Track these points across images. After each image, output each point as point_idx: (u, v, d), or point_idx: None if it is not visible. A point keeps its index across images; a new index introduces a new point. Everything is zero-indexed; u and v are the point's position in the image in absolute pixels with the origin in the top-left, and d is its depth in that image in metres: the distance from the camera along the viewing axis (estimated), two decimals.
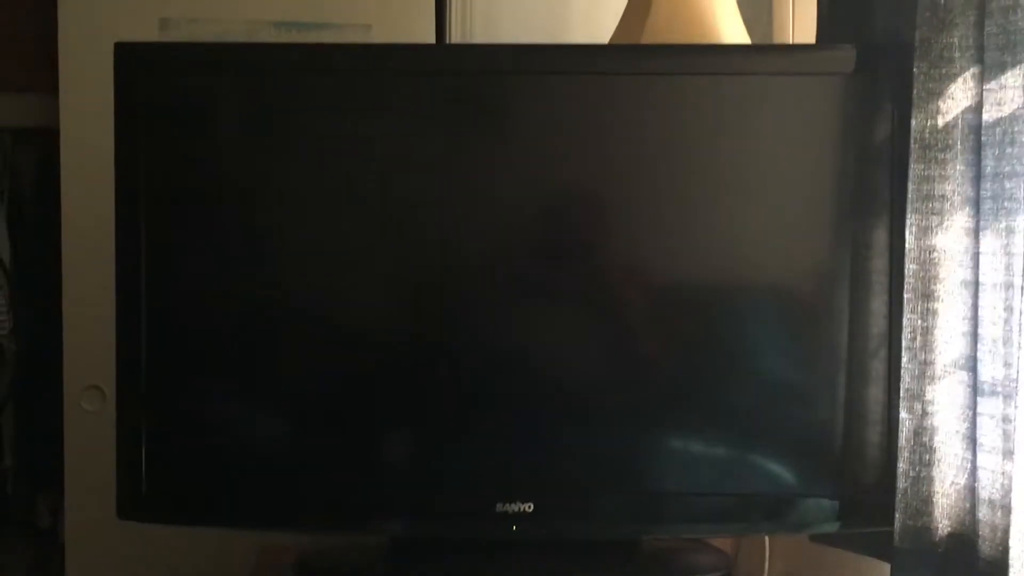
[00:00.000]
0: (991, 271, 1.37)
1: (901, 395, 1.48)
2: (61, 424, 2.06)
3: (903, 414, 1.48)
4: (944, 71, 1.43)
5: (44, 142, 2.19)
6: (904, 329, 1.47)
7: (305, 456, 1.62)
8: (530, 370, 1.61)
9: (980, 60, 1.39)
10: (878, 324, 1.57)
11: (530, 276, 1.63)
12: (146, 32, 2.02)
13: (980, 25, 1.38)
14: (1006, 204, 1.35)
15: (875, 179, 1.57)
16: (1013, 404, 1.32)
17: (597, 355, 1.63)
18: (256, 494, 1.61)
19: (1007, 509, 1.32)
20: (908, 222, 1.47)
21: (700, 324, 1.63)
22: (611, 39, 1.87)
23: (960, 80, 1.42)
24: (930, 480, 1.45)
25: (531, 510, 1.58)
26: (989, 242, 1.38)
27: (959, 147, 1.43)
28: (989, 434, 1.37)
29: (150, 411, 1.59)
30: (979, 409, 1.39)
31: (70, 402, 2.05)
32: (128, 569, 2.04)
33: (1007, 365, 1.34)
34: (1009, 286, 1.34)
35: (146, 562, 2.03)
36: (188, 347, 1.61)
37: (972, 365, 1.41)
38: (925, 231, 1.45)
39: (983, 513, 1.37)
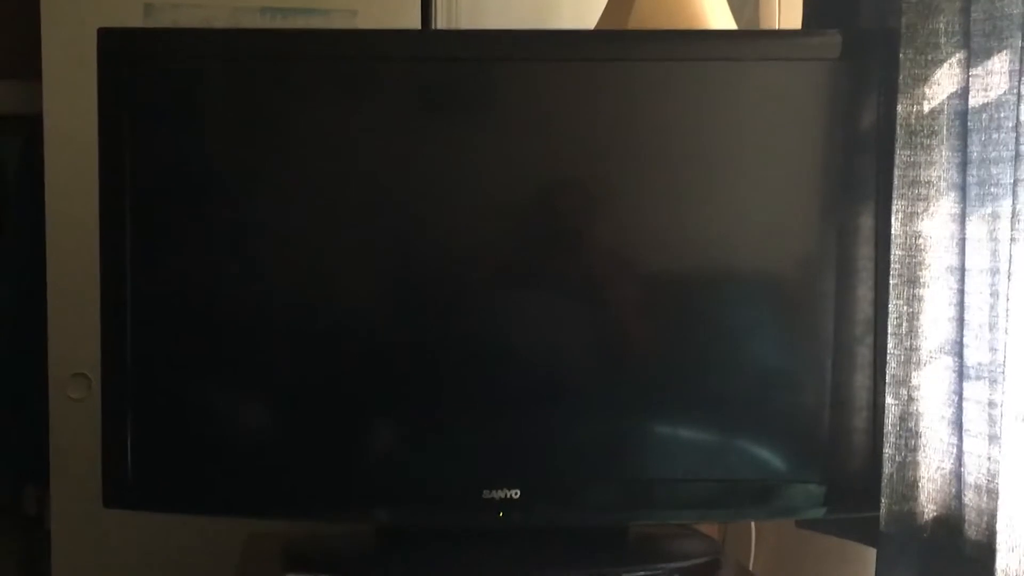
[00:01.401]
0: (977, 257, 1.37)
1: (887, 381, 1.49)
2: (47, 412, 2.05)
3: (889, 400, 1.48)
4: (930, 57, 1.43)
5: (27, 128, 2.18)
6: (890, 315, 1.48)
7: (291, 444, 1.62)
8: (517, 357, 1.61)
9: (966, 46, 1.39)
10: (864, 310, 1.58)
11: (516, 264, 1.63)
12: (130, 18, 2.01)
13: (966, 11, 1.38)
14: (992, 190, 1.35)
15: (861, 165, 1.57)
16: (999, 389, 1.32)
17: (584, 342, 1.63)
18: (242, 482, 1.61)
19: (993, 493, 1.32)
20: (894, 208, 1.47)
21: (686, 310, 1.63)
22: (597, 25, 1.87)
23: (946, 66, 1.42)
24: (916, 465, 1.46)
25: (517, 497, 1.58)
26: (975, 228, 1.38)
27: (945, 133, 1.43)
28: (975, 419, 1.37)
29: (136, 399, 1.58)
30: (965, 394, 1.39)
31: (56, 390, 2.04)
32: (114, 556, 2.04)
33: (993, 350, 1.34)
34: (995, 271, 1.34)
35: (132, 550, 2.03)
36: (173, 335, 1.60)
37: (958, 350, 1.41)
38: (911, 217, 1.46)
39: (969, 498, 1.37)
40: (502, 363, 1.61)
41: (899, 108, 1.46)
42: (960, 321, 1.41)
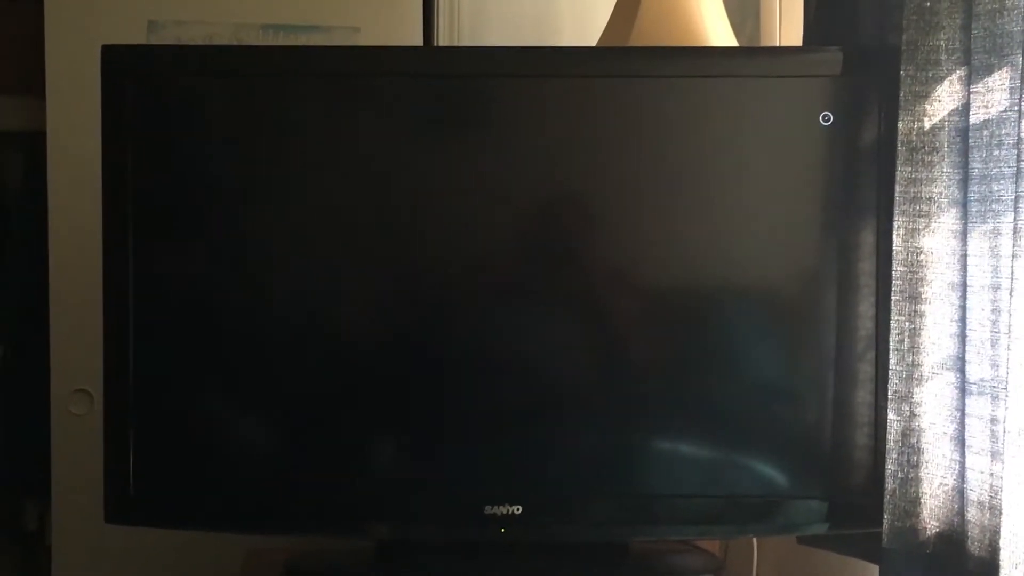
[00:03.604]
0: (979, 273, 1.37)
1: (889, 397, 1.48)
2: (48, 427, 2.05)
3: (891, 415, 1.48)
4: (931, 74, 1.43)
5: (31, 145, 2.18)
6: (891, 331, 1.48)
7: (293, 459, 1.62)
8: (518, 373, 1.61)
9: (967, 62, 1.39)
10: (865, 326, 1.58)
11: (518, 279, 1.63)
12: (134, 35, 2.02)
13: (967, 28, 1.39)
14: (993, 206, 1.35)
15: (862, 181, 1.58)
16: (1002, 405, 1.32)
17: (586, 357, 1.63)
18: (243, 497, 1.61)
19: (996, 510, 1.32)
20: (895, 224, 1.47)
21: (688, 326, 1.63)
22: (599, 42, 1.88)
23: (947, 82, 1.42)
24: (918, 481, 1.46)
25: (519, 512, 1.58)
26: (976, 244, 1.38)
27: (946, 149, 1.43)
28: (977, 435, 1.37)
29: (137, 414, 1.58)
30: (967, 410, 1.39)
31: (57, 405, 2.04)
32: (115, 572, 2.03)
33: (995, 366, 1.34)
34: (997, 288, 1.35)
35: (133, 565, 2.03)
36: (176, 350, 1.60)
37: (960, 366, 1.41)
38: (912, 233, 1.46)
39: (972, 514, 1.37)
40: (503, 379, 1.61)
41: (900, 125, 1.46)
42: (962, 337, 1.41)
